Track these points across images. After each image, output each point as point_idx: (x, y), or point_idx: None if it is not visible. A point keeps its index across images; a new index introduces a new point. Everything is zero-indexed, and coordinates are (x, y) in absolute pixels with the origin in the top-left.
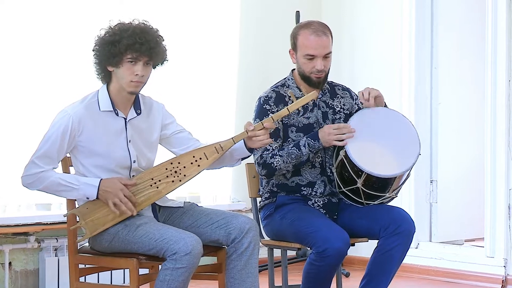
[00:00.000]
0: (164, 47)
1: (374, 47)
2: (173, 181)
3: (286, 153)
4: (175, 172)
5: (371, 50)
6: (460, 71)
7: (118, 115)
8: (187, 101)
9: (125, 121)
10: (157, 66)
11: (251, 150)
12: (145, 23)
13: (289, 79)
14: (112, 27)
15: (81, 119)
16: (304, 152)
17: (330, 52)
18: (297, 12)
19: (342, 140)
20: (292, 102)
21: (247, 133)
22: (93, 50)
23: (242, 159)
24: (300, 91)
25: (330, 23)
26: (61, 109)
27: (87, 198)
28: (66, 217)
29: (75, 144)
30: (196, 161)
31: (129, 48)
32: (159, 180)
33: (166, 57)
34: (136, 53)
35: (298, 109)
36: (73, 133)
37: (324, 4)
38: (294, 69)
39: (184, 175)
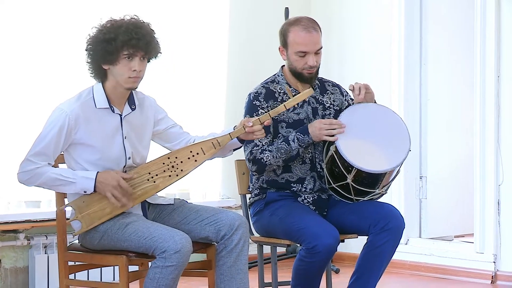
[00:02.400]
0: (157, 40)
1: (363, 43)
2: (170, 176)
3: (275, 148)
4: (172, 166)
5: (360, 47)
6: (449, 67)
7: (114, 112)
8: (177, 97)
9: (121, 118)
10: (151, 60)
11: (242, 141)
12: (137, 17)
13: (278, 75)
14: (105, 24)
15: (77, 117)
16: (293, 147)
17: (321, 47)
18: (286, 9)
19: (333, 136)
20: (289, 98)
21: (245, 129)
22: (86, 50)
23: (234, 149)
24: (290, 87)
25: (319, 20)
26: (56, 106)
27: (85, 192)
28: (58, 212)
29: (71, 141)
30: (193, 156)
31: (125, 45)
32: (156, 175)
33: (160, 50)
34: (132, 49)
35: (294, 106)
36: (70, 131)
37: (313, 0)
38: (284, 65)
39: (181, 170)
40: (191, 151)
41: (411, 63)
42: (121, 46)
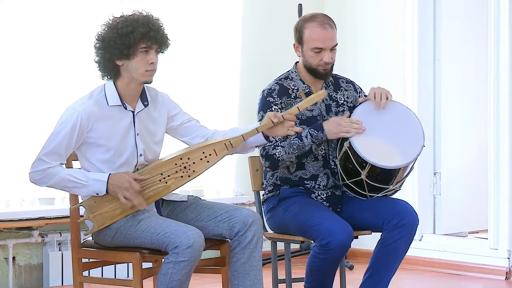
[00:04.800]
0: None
1: (377, 39)
2: (182, 177)
3: (288, 144)
4: (184, 167)
5: (374, 43)
6: (463, 63)
7: (126, 109)
8: (190, 95)
9: (133, 115)
10: (160, 53)
11: (267, 138)
12: (146, 12)
13: (292, 72)
14: (117, 20)
15: (90, 115)
16: (306, 143)
17: (337, 44)
18: (300, 5)
19: (349, 132)
20: (302, 99)
21: (257, 131)
22: (96, 47)
23: (257, 146)
24: (304, 83)
25: (332, 16)
26: (68, 105)
27: (97, 194)
28: (71, 210)
29: (83, 139)
30: (205, 157)
31: (143, 37)
32: (168, 175)
33: (169, 43)
34: (150, 41)
35: (307, 107)
36: (82, 130)
37: None
38: (298, 61)
39: (193, 171)
40: (203, 152)
41: (424, 59)
42: (139, 39)
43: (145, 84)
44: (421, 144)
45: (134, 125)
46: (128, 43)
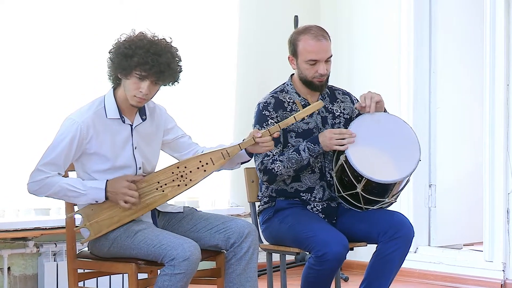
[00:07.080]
0: (177, 69)
1: (373, 51)
2: (179, 185)
3: (286, 158)
4: (181, 176)
5: (370, 55)
6: (459, 75)
7: (124, 122)
8: (186, 106)
9: (131, 128)
10: (166, 86)
11: (250, 155)
12: (165, 41)
13: (288, 85)
14: (131, 37)
15: (89, 127)
16: (304, 157)
17: (331, 55)
18: (296, 17)
19: (343, 145)
20: (299, 110)
21: (254, 140)
22: (109, 52)
23: (242, 163)
24: (299, 96)
25: (329, 28)
26: (67, 116)
27: (96, 201)
28: (67, 220)
29: (82, 151)
30: (202, 166)
31: (139, 66)
32: (165, 184)
33: (177, 79)
34: (144, 72)
35: (304, 118)
36: (81, 141)
37: (322, 9)
38: (293, 74)
39: (190, 180)
40: (200, 161)
41: (420, 71)
42: (134, 66)
43: None
44: (417, 158)
45: (132, 139)
46: (124, 65)
